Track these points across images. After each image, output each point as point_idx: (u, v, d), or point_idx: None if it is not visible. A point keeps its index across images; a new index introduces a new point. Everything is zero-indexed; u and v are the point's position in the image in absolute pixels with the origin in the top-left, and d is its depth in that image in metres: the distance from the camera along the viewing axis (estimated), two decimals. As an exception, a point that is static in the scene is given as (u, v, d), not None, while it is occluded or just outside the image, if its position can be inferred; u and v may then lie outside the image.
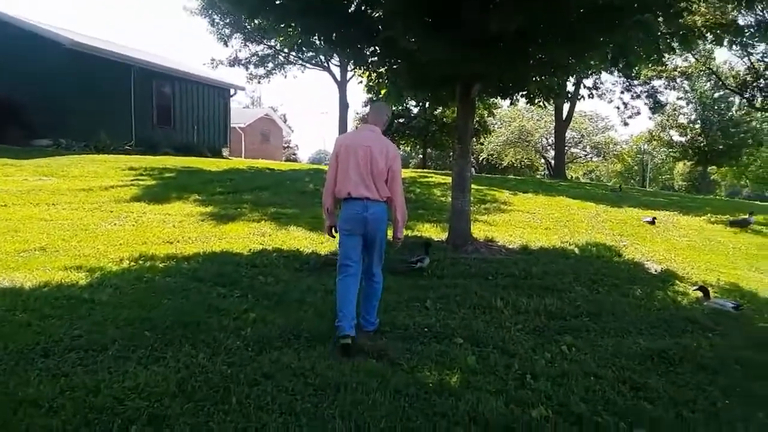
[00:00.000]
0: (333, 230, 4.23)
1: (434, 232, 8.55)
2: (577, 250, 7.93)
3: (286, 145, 61.94)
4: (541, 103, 8.62)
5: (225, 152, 22.04)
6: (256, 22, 7.31)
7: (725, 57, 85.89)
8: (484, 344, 4.20)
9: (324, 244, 7.44)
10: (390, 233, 4.32)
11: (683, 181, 53.40)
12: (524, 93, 8.28)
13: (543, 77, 7.44)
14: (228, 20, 13.97)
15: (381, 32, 6.58)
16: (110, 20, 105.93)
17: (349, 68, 18.53)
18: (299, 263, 6.32)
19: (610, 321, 5.01)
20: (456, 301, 5.20)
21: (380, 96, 8.52)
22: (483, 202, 12.19)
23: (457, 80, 7.51)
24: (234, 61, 18.03)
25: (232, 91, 23.05)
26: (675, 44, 6.55)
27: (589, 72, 9.26)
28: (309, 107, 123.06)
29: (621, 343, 4.45)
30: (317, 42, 7.57)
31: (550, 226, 9.88)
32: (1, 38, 16.57)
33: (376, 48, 7.40)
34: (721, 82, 29.33)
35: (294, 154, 60.90)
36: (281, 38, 7.89)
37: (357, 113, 33.81)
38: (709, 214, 12.73)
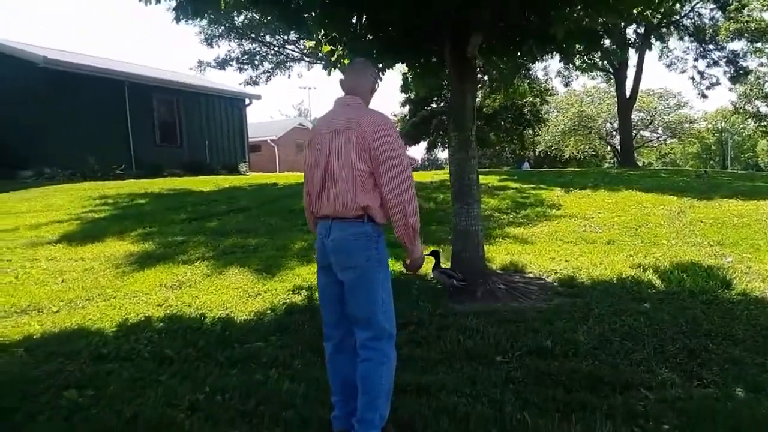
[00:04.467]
0: None
1: (445, 260, 5.86)
2: (657, 281, 5.04)
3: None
4: (584, 65, 5.76)
5: (243, 168, 19.97)
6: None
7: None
8: None
9: (259, 296, 4.98)
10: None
11: (770, 159, 47.79)
12: (554, 48, 5.45)
13: (576, 14, 4.61)
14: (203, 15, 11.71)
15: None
16: (102, 43, 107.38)
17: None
18: (181, 345, 3.84)
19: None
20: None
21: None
22: (522, 207, 9.34)
23: (441, 35, 4.86)
24: (223, 62, 15.89)
25: (247, 101, 20.97)
26: None
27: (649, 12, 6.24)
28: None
29: None
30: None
31: (614, 238, 6.96)
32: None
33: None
34: None
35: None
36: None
37: (394, 115, 31.06)
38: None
